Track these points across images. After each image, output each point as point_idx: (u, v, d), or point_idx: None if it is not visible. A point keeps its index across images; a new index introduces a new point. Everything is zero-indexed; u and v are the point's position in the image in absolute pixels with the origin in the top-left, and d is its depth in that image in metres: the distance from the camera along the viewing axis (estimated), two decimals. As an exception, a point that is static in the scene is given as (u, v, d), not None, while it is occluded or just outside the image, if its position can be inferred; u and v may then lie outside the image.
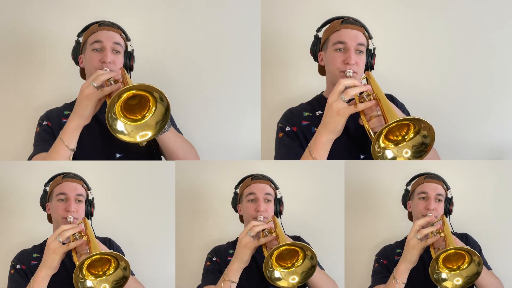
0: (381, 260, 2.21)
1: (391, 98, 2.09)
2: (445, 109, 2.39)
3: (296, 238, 2.21)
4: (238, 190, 2.19)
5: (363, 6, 2.37)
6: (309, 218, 2.40)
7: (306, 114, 2.05)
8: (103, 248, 1.93)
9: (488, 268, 2.14)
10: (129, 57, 2.03)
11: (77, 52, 2.06)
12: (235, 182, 2.25)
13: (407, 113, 2.10)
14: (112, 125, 1.72)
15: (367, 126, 1.80)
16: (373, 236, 2.41)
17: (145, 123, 1.76)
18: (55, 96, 2.30)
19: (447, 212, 2.14)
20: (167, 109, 1.74)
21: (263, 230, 1.98)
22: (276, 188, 2.18)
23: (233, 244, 2.18)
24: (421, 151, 1.77)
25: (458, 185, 2.30)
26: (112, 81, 1.82)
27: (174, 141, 1.98)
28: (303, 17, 2.38)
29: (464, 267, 1.93)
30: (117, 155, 2.06)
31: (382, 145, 1.78)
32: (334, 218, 2.38)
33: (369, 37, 2.01)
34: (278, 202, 2.15)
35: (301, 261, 1.96)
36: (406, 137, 1.78)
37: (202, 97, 2.35)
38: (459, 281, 1.93)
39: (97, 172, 2.31)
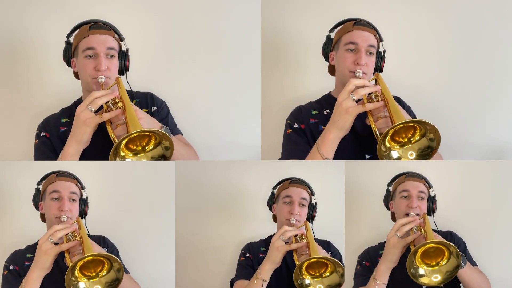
0: (363, 262, 2.18)
1: (398, 100, 2.08)
2: (445, 109, 2.36)
3: (326, 243, 2.25)
4: (275, 191, 2.23)
5: (364, 6, 2.34)
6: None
7: (314, 112, 2.05)
8: (97, 249, 1.87)
9: (473, 264, 2.11)
10: (124, 57, 1.94)
11: (68, 54, 1.96)
12: (235, 182, 2.25)
13: (413, 116, 2.08)
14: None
15: (373, 126, 1.80)
16: (371, 236, 2.35)
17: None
18: (53, 95, 2.25)
19: (431, 210, 2.11)
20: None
21: (295, 235, 2.02)
22: (312, 193, 2.21)
23: (265, 242, 2.23)
24: (426, 154, 1.77)
25: (458, 185, 2.33)
26: (110, 104, 1.75)
27: (175, 149, 1.88)
28: (304, 17, 2.35)
29: (443, 263, 1.89)
30: None
31: (388, 145, 1.78)
32: (334, 218, 2.33)
33: (380, 40, 2.01)
34: (312, 208, 2.19)
35: (328, 273, 2.00)
36: (412, 139, 1.79)
37: (202, 97, 2.30)
38: (437, 277, 1.89)
39: (97, 172, 2.29)
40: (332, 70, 2.08)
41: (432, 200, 2.12)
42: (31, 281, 1.84)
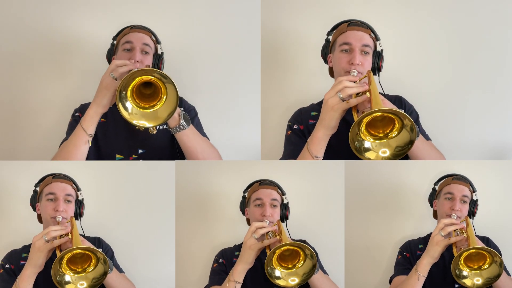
0: (404, 253, 2.20)
1: (400, 100, 2.07)
2: (446, 109, 2.35)
3: (302, 242, 2.15)
4: (246, 194, 2.18)
5: (364, 7, 2.33)
6: (308, 218, 2.35)
7: (313, 113, 2.05)
8: (86, 244, 1.88)
9: (508, 273, 2.12)
10: (157, 59, 2.03)
11: (110, 53, 2.08)
12: (235, 183, 2.22)
13: (416, 115, 2.07)
14: (122, 103, 1.76)
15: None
16: (371, 236, 2.38)
17: (153, 112, 1.79)
18: (53, 97, 2.32)
19: (471, 213, 2.11)
20: (177, 101, 1.75)
21: (267, 232, 1.96)
22: (283, 193, 2.15)
23: (239, 247, 2.15)
24: (404, 153, 1.72)
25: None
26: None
27: (192, 140, 1.96)
28: (304, 17, 2.35)
29: (485, 267, 1.92)
30: (140, 151, 2.05)
31: (363, 130, 1.73)
32: (334, 218, 2.34)
33: (376, 39, 1.98)
34: (284, 208, 2.13)
35: (302, 262, 1.94)
36: (389, 134, 1.74)
37: (202, 97, 2.28)
38: (479, 280, 1.92)
39: (97, 172, 2.29)
40: (332, 72, 2.06)
41: (474, 204, 2.12)
42: (25, 278, 1.86)
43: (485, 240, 2.16)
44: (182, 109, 1.95)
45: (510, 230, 2.33)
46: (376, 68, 1.96)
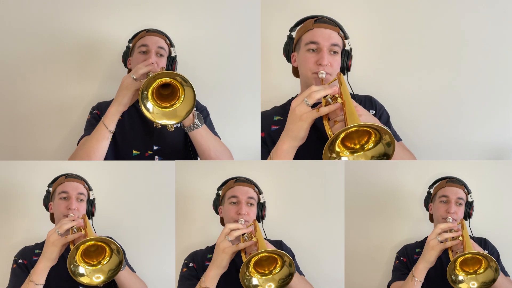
0: (401, 258, 2.19)
1: (370, 100, 2.00)
2: (446, 109, 2.34)
3: (278, 243, 2.12)
4: (220, 192, 2.09)
5: (359, 7, 2.32)
6: (308, 218, 2.37)
7: (276, 118, 1.93)
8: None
9: (505, 274, 2.11)
10: (171, 61, 2.09)
11: (126, 55, 2.14)
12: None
13: (386, 115, 2.01)
14: (144, 103, 1.81)
15: (329, 132, 1.58)
16: (371, 238, 2.39)
17: (173, 111, 1.85)
18: (59, 103, 2.36)
19: (467, 215, 2.10)
20: (194, 101, 1.81)
21: (243, 234, 1.84)
22: (260, 192, 2.08)
23: (212, 249, 2.04)
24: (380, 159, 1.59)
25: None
26: (150, 75, 1.85)
27: (205, 138, 1.98)
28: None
29: (480, 271, 1.91)
30: (155, 147, 2.10)
31: (337, 150, 1.58)
32: (334, 220, 2.34)
33: (345, 37, 1.88)
34: (261, 207, 2.04)
35: (279, 268, 1.85)
36: (365, 146, 1.60)
37: (202, 98, 2.19)
38: (474, 284, 1.91)
39: (98, 172, 2.30)
40: (296, 72, 1.94)
41: (469, 206, 2.11)
42: (38, 271, 1.88)
43: (482, 241, 2.16)
44: (195, 109, 1.97)
45: (508, 231, 2.32)
46: (345, 68, 1.86)
